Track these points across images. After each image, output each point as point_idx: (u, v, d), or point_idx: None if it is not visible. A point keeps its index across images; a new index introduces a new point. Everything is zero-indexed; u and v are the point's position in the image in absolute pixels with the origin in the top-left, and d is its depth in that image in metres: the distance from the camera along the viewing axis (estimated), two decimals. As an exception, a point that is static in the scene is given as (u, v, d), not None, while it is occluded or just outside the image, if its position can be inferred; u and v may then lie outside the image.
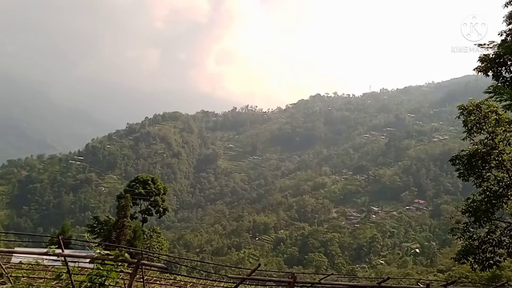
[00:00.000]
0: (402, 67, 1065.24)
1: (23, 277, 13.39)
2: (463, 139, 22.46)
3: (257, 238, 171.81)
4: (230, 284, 23.32)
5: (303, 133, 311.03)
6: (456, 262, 26.24)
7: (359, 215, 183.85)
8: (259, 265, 10.16)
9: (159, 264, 9.57)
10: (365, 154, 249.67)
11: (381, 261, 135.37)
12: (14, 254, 19.02)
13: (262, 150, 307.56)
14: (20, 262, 18.13)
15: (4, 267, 12.18)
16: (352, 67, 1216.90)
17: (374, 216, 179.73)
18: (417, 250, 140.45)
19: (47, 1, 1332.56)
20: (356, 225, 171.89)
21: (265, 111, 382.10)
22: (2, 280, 12.27)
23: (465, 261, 22.03)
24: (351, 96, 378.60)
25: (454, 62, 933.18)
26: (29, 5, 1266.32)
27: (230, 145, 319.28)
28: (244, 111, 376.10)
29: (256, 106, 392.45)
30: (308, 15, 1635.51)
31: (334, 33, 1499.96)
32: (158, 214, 69.49)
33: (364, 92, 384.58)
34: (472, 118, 21.41)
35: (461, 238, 22.15)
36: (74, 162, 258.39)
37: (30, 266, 15.50)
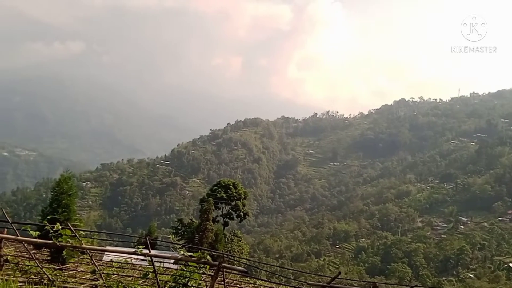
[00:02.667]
0: (494, 70, 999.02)
1: (114, 274, 14.10)
2: None
3: (337, 246, 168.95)
4: (309, 291, 23.03)
5: (387, 139, 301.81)
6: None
7: (446, 225, 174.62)
8: (339, 273, 9.98)
9: (240, 268, 9.68)
10: (453, 161, 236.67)
11: (470, 275, 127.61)
12: (106, 253, 20.14)
13: (343, 156, 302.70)
14: (111, 260, 19.14)
15: (97, 264, 12.97)
16: (440, 71, 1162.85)
17: (462, 227, 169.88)
18: (511, 265, 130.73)
19: (139, 13, 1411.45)
20: (442, 235, 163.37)
21: (347, 117, 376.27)
22: (95, 276, 13.06)
23: None
24: (438, 100, 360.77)
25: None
26: (122, 18, 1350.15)
27: (310, 151, 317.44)
28: (325, 117, 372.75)
29: (338, 112, 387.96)
30: (392, 19, 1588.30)
31: (421, 37, 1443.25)
32: (239, 219, 70.54)
33: (453, 96, 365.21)
34: None
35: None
36: (160, 166, 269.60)
37: (120, 264, 16.34)
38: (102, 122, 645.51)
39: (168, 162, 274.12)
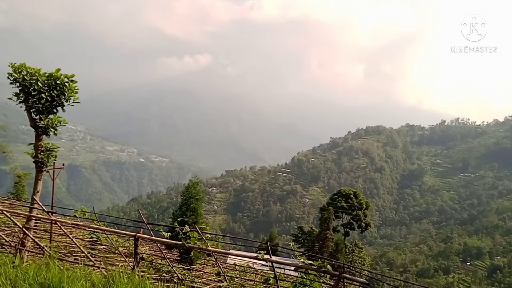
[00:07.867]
0: None
1: (236, 277, 14.62)
2: None
3: (468, 263, 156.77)
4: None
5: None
6: None
7: None
8: (471, 293, 9.23)
9: (361, 280, 9.43)
10: None
11: None
12: (229, 256, 20.96)
13: (475, 166, 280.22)
14: (234, 264, 19.90)
15: (221, 266, 13.56)
16: None
17: None
18: None
19: (262, 25, 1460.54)
20: None
21: (479, 124, 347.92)
22: (219, 278, 13.67)
23: None
24: None
25: None
26: (246, 31, 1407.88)
27: (438, 160, 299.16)
28: (454, 124, 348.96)
29: (468, 119, 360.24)
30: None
31: None
32: (360, 229, 69.03)
33: None
34: None
35: None
36: (281, 173, 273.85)
37: (243, 268, 16.91)
38: (227, 130, 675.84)
39: (289, 170, 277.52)
